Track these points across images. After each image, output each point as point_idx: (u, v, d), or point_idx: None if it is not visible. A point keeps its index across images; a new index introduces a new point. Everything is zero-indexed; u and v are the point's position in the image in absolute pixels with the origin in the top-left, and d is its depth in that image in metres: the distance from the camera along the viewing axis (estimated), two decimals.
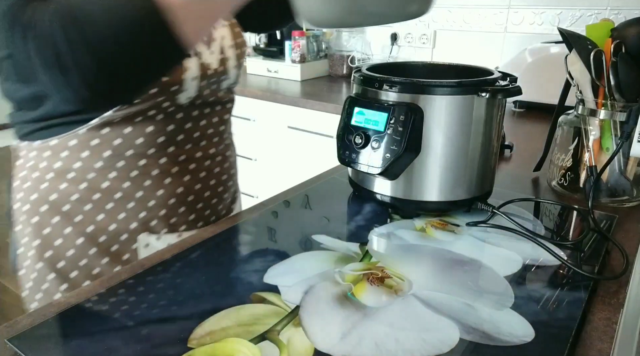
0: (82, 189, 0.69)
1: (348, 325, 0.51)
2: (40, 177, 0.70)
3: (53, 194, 0.69)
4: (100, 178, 0.69)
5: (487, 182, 0.79)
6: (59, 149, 0.68)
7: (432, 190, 0.74)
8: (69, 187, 0.69)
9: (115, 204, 0.70)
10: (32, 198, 0.70)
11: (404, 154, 0.70)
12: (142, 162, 0.70)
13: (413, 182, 0.74)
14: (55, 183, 0.69)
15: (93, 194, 0.69)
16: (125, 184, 0.70)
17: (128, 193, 0.70)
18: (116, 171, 0.69)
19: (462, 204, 0.77)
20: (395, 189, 0.76)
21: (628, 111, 0.77)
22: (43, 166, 0.69)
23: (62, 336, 0.50)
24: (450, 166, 0.73)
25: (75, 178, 0.69)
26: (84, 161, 0.68)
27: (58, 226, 0.70)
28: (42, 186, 0.69)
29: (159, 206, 0.73)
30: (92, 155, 0.68)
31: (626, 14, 1.73)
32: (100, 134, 0.67)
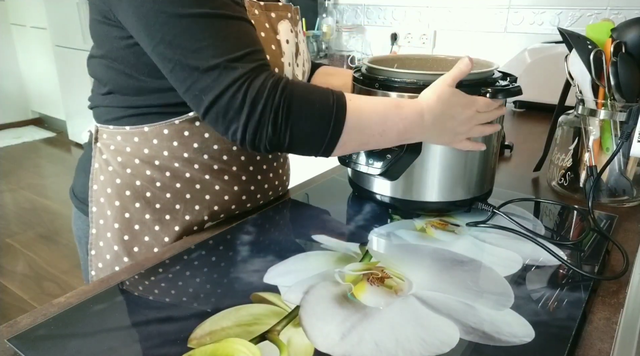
0: (166, 177, 0.72)
1: (348, 325, 0.51)
2: (125, 161, 0.72)
3: (137, 180, 0.72)
4: (185, 168, 0.72)
5: (487, 182, 0.78)
6: (150, 136, 0.70)
7: (432, 190, 0.74)
8: (154, 174, 0.72)
9: (194, 195, 0.73)
10: (117, 182, 0.72)
11: (405, 155, 0.70)
12: (225, 157, 0.73)
13: (413, 182, 0.74)
14: (141, 169, 0.72)
15: (175, 183, 0.72)
16: (206, 176, 0.73)
17: (207, 185, 0.73)
18: (199, 163, 0.72)
19: (462, 205, 0.76)
20: (395, 189, 0.76)
21: (628, 111, 0.77)
22: (129, 151, 0.72)
23: (62, 336, 0.50)
24: (450, 166, 0.73)
25: (161, 165, 0.71)
26: (173, 150, 0.71)
27: (139, 211, 0.72)
28: (127, 170, 0.72)
29: (231, 200, 0.76)
30: (181, 145, 0.71)
31: (626, 14, 1.73)
32: (193, 126, 0.70)
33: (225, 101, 0.59)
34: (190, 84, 0.60)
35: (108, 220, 0.74)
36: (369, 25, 2.40)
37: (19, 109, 4.67)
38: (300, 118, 0.60)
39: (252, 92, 0.59)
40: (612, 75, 0.78)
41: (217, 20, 0.60)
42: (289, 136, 0.61)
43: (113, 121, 0.72)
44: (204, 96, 0.60)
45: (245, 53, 0.60)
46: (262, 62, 0.61)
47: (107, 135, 0.73)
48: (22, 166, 3.74)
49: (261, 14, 0.71)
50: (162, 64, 0.62)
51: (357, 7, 2.41)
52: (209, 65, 0.59)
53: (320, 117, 0.61)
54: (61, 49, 3.87)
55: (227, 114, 0.60)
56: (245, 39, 0.62)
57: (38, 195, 3.20)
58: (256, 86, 0.59)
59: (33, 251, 2.53)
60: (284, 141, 0.61)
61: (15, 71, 4.56)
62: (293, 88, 0.60)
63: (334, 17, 2.47)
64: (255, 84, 0.59)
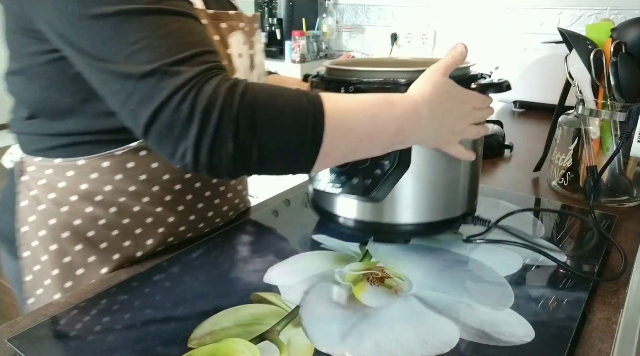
0: (110, 213, 0.63)
1: (348, 325, 0.51)
2: (60, 199, 0.62)
3: (77, 219, 0.62)
4: (132, 202, 0.63)
5: (474, 195, 0.70)
6: (87, 170, 0.61)
7: (412, 210, 0.64)
8: (96, 211, 0.62)
9: (145, 230, 0.65)
10: (50, 222, 0.62)
11: (397, 169, 0.60)
12: (178, 186, 0.66)
13: (396, 202, 0.63)
14: (80, 206, 0.62)
15: (122, 219, 0.63)
16: (157, 209, 0.65)
17: (159, 218, 0.65)
18: (150, 196, 0.64)
19: (449, 225, 0.66)
20: (364, 211, 0.64)
21: (628, 111, 0.77)
22: (63, 186, 0.62)
23: (62, 336, 0.50)
24: (438, 179, 0.64)
25: (104, 201, 0.62)
26: (116, 184, 0.62)
27: (81, 254, 0.63)
28: (62, 209, 0.62)
29: (187, 230, 0.69)
30: (126, 179, 0.62)
31: (626, 14, 1.73)
32: (138, 157, 0.61)
33: (167, 114, 0.46)
34: (125, 97, 0.48)
35: (45, 266, 0.63)
36: (369, 25, 2.40)
37: None
38: (268, 128, 0.47)
39: (202, 101, 0.46)
40: (612, 75, 0.78)
41: (152, 16, 0.48)
42: (257, 152, 0.47)
43: (41, 151, 0.62)
44: (142, 110, 0.47)
45: (191, 54, 0.48)
46: (213, 64, 0.49)
47: (35, 168, 0.63)
48: None
49: (209, 24, 0.62)
50: (93, 76, 0.51)
51: (357, 7, 2.41)
52: (145, 70, 0.46)
53: (293, 123, 0.48)
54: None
55: (171, 132, 0.47)
56: (190, 37, 0.50)
57: None
58: (207, 92, 0.46)
59: None
60: (251, 159, 0.48)
61: None
62: (255, 91, 0.48)
63: (334, 17, 2.47)
64: (205, 90, 0.46)
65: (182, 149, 0.47)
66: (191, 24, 0.51)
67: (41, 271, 0.64)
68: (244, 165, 0.48)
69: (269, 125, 0.47)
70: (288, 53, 2.31)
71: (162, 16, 0.49)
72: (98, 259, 0.63)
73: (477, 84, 0.60)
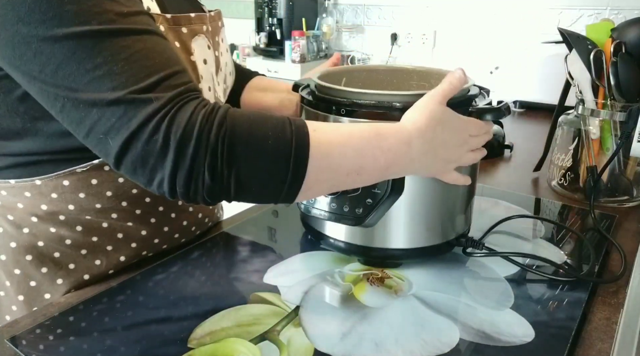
0: (77, 232, 0.59)
1: (348, 325, 0.51)
2: (19, 220, 0.58)
3: (39, 240, 0.58)
4: (100, 219, 0.59)
5: (468, 217, 0.66)
6: (45, 190, 0.56)
7: (403, 235, 0.61)
8: (60, 231, 0.58)
9: (116, 246, 0.61)
10: (11, 246, 0.58)
11: (389, 197, 0.57)
12: (148, 199, 0.62)
13: (387, 227, 0.60)
14: (42, 227, 0.58)
15: (91, 237, 0.59)
16: (128, 223, 0.61)
17: (131, 233, 0.62)
18: (118, 212, 0.60)
19: (441, 249, 0.63)
20: (354, 234, 0.62)
21: (628, 111, 0.77)
22: (22, 207, 0.57)
23: (62, 336, 0.50)
24: (431, 205, 0.61)
25: (68, 220, 0.58)
26: (80, 202, 0.57)
27: (47, 277, 0.59)
28: (23, 231, 0.58)
29: (162, 242, 0.66)
30: (90, 197, 0.57)
31: (626, 14, 1.72)
32: (102, 173, 0.57)
33: (140, 146, 0.44)
34: (90, 126, 0.45)
35: (10, 292, 0.60)
36: (369, 25, 2.40)
37: None
38: (247, 160, 0.45)
39: (176, 131, 0.43)
40: (612, 75, 0.78)
41: (111, 39, 0.44)
42: (235, 184, 0.46)
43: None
44: (111, 140, 0.44)
45: (158, 78, 0.45)
46: (185, 88, 0.46)
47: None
48: None
49: (168, 30, 0.56)
50: (48, 103, 0.46)
51: (357, 7, 2.41)
52: (110, 99, 0.43)
53: (275, 157, 0.46)
54: None
55: (146, 163, 0.44)
56: (155, 58, 0.46)
57: None
58: (181, 121, 0.44)
59: None
60: (229, 190, 0.46)
61: None
62: (235, 121, 0.45)
63: (334, 17, 2.47)
64: (179, 119, 0.44)
65: (158, 179, 0.45)
66: (154, 42, 0.47)
67: (6, 297, 0.61)
68: (221, 195, 0.47)
69: (248, 157, 0.45)
70: (288, 53, 2.31)
71: (122, 37, 0.45)
72: (67, 281, 0.59)
73: (475, 109, 0.57)
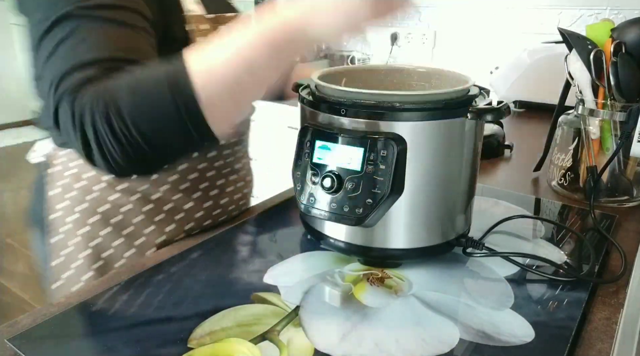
0: (133, 200, 0.68)
1: (348, 325, 0.51)
2: (88, 187, 0.67)
3: (104, 205, 0.68)
4: (152, 190, 0.69)
5: (468, 217, 0.66)
6: None
7: (403, 235, 0.61)
8: (121, 198, 0.68)
9: (165, 216, 0.70)
10: (79, 208, 0.67)
11: (389, 197, 0.57)
12: (193, 175, 0.71)
13: (387, 227, 0.60)
14: (106, 193, 0.68)
15: (144, 205, 0.69)
16: (175, 196, 0.70)
17: (177, 205, 0.71)
18: (168, 184, 0.69)
19: (442, 249, 0.63)
20: (354, 234, 0.61)
21: (628, 111, 0.77)
22: (89, 175, 0.67)
23: (62, 336, 0.50)
24: (431, 205, 0.60)
25: (127, 189, 0.68)
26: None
27: (108, 237, 0.68)
28: (89, 196, 0.67)
29: (205, 217, 0.74)
30: None
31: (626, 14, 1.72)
32: None
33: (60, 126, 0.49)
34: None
35: (73, 251, 0.68)
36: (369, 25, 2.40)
37: (19, 109, 4.67)
38: (136, 108, 0.47)
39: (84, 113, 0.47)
40: (612, 75, 0.78)
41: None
42: (141, 137, 0.47)
43: (67, 144, 0.66)
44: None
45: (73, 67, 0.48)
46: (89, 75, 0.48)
47: (65, 159, 0.68)
48: (22, 166, 3.74)
49: (210, 28, 0.64)
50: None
51: None
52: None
53: (157, 91, 0.47)
54: None
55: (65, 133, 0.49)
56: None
57: None
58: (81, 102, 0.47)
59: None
60: (141, 145, 0.47)
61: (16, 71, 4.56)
62: (114, 86, 0.47)
63: None
64: (79, 101, 0.47)
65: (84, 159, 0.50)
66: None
67: (70, 254, 0.68)
68: (137, 154, 0.48)
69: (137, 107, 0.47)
70: None
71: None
72: (124, 243, 0.68)
73: (475, 109, 0.56)
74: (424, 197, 0.59)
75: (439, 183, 0.59)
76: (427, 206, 0.60)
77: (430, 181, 0.58)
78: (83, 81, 0.47)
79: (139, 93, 0.47)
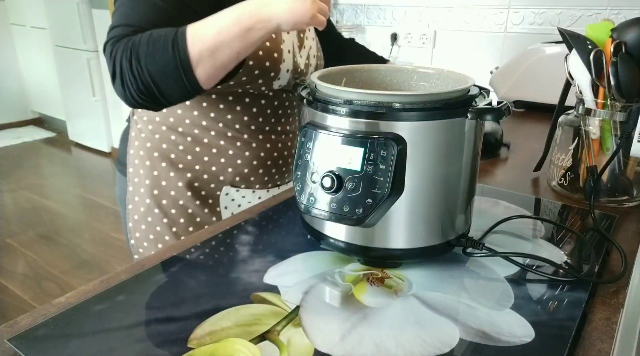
0: (187, 141, 0.85)
1: (348, 325, 0.51)
2: (155, 129, 0.87)
3: (164, 144, 0.86)
4: (203, 134, 0.85)
5: (469, 217, 0.66)
6: (175, 107, 0.83)
7: (403, 235, 0.61)
8: (177, 139, 0.85)
9: (211, 158, 0.86)
10: (147, 145, 0.87)
11: (389, 197, 0.57)
12: (237, 125, 0.85)
13: (387, 227, 0.60)
14: (167, 134, 0.86)
15: (195, 146, 0.85)
16: (221, 142, 0.85)
17: (222, 150, 0.86)
18: (215, 131, 0.85)
19: (442, 249, 0.63)
20: (354, 234, 0.61)
21: (628, 111, 0.77)
22: (158, 120, 0.86)
23: (62, 336, 0.50)
24: (432, 204, 0.60)
25: (184, 132, 0.85)
26: (193, 118, 0.84)
27: (165, 170, 0.86)
28: (156, 136, 0.86)
29: (244, 164, 0.88)
30: (200, 115, 0.84)
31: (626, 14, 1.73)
32: (210, 98, 0.83)
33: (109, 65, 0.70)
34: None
35: (141, 178, 0.88)
36: (369, 25, 2.40)
37: (19, 109, 4.68)
38: (149, 56, 0.66)
39: (116, 54, 0.68)
40: (612, 75, 0.78)
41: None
42: (149, 76, 0.67)
43: None
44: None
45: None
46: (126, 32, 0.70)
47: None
48: (22, 166, 3.74)
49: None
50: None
51: (357, 7, 2.41)
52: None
53: (164, 47, 0.66)
54: (61, 49, 3.87)
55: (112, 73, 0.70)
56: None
57: (38, 195, 3.21)
58: (117, 45, 0.69)
59: (33, 251, 2.53)
60: (149, 83, 0.67)
61: (16, 71, 4.57)
62: (138, 39, 0.68)
63: (334, 17, 2.47)
64: (117, 45, 0.69)
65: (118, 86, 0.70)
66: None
67: (139, 182, 0.89)
68: (149, 93, 0.69)
69: (149, 54, 0.67)
70: None
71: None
72: (176, 175, 0.86)
73: (475, 109, 0.57)
74: (424, 197, 0.59)
75: (439, 183, 0.59)
76: (427, 206, 0.60)
77: (430, 181, 0.58)
78: (122, 34, 0.69)
79: (151, 45, 0.66)
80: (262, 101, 0.87)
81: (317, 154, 0.59)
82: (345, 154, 0.57)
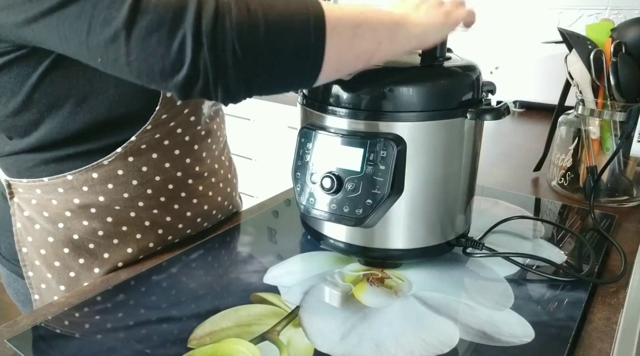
0: (108, 223, 0.62)
1: (348, 325, 0.51)
2: (54, 216, 0.61)
3: (74, 234, 0.62)
4: (128, 208, 0.63)
5: (468, 217, 0.66)
6: (77, 184, 0.60)
7: (403, 236, 0.61)
8: (92, 223, 0.62)
9: (144, 234, 0.65)
10: (49, 240, 0.62)
11: (389, 198, 0.56)
12: (171, 186, 0.65)
13: (387, 228, 0.60)
14: (76, 221, 0.62)
15: (121, 227, 0.63)
16: (154, 211, 0.65)
17: (157, 220, 0.66)
18: (144, 200, 0.64)
19: (442, 249, 0.63)
20: (354, 235, 0.61)
21: (628, 111, 0.77)
22: (56, 203, 0.61)
23: (62, 336, 0.50)
24: (431, 205, 0.60)
25: (99, 212, 0.62)
26: (110, 193, 0.61)
27: (85, 267, 0.63)
28: (58, 226, 0.62)
29: (185, 227, 0.70)
30: (118, 187, 0.61)
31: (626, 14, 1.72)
32: (127, 163, 0.61)
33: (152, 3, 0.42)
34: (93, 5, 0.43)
35: (51, 284, 0.64)
36: None
37: None
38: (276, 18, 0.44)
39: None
40: (612, 75, 0.78)
41: None
42: (265, 21, 0.44)
43: (25, 172, 0.61)
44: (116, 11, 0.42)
45: None
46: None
47: (23, 189, 0.62)
48: None
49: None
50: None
51: None
52: None
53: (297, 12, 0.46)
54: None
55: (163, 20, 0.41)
56: None
57: None
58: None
59: None
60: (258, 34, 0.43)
61: None
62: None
63: None
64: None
65: (180, 38, 0.41)
66: None
67: (48, 289, 0.65)
68: (250, 45, 0.43)
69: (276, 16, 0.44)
70: None
71: None
72: (102, 270, 0.63)
73: (475, 109, 0.57)
74: (424, 197, 0.59)
75: (439, 183, 0.59)
76: (427, 206, 0.60)
77: (430, 181, 0.58)
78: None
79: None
80: (194, 144, 0.69)
81: (316, 155, 0.59)
82: (345, 155, 0.57)
